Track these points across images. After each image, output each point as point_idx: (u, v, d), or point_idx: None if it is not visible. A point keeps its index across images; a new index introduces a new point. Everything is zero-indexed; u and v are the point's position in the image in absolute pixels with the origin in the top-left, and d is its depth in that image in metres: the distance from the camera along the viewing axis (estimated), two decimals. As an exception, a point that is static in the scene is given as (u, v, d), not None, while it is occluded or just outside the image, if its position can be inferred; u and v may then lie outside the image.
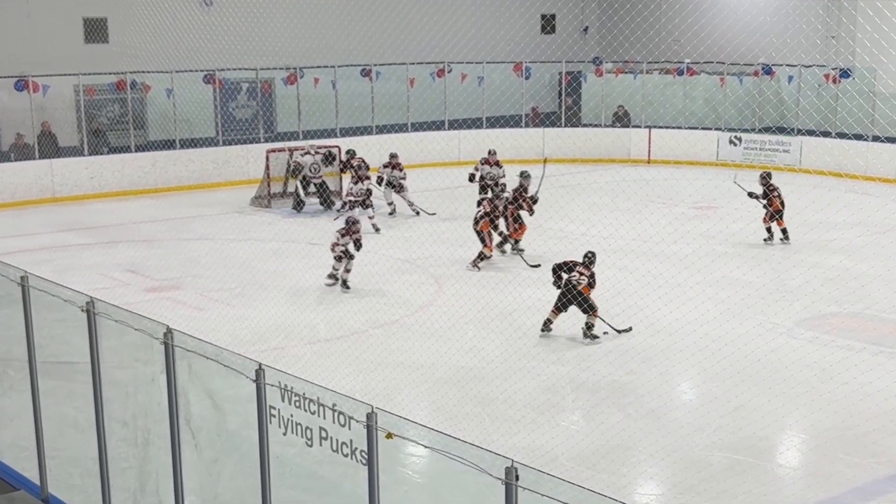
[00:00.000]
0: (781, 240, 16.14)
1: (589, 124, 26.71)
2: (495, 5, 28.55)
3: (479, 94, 25.74)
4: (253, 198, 20.18)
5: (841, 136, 22.47)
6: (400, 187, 18.79)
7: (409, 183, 18.97)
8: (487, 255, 14.82)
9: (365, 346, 11.34)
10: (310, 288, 13.51)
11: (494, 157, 18.64)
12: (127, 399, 6.87)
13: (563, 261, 11.73)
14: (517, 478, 4.35)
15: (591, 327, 11.42)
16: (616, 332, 11.54)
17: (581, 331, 11.47)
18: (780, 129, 24.00)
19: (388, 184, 18.81)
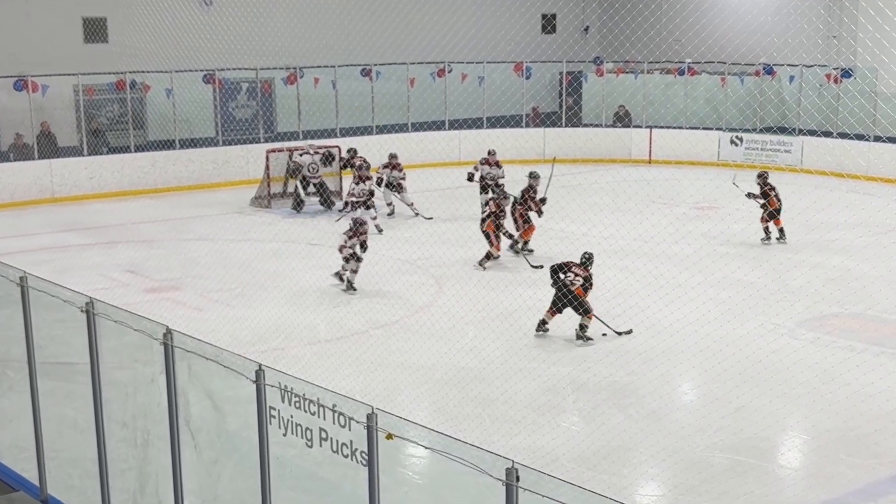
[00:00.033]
0: (778, 239, 16.13)
1: (590, 124, 26.68)
2: (496, 5, 28.55)
3: (480, 94, 25.72)
4: (253, 198, 20.16)
5: (842, 136, 22.43)
6: (399, 188, 18.77)
7: (410, 183, 18.94)
8: (495, 255, 14.81)
9: (365, 346, 11.32)
10: (310, 288, 13.48)
11: (494, 157, 18.61)
12: (126, 400, 6.85)
13: (561, 262, 11.70)
14: (518, 479, 4.35)
15: (584, 329, 11.36)
16: (616, 333, 11.51)
17: (575, 332, 11.45)
18: (782, 129, 23.99)
19: (388, 184, 18.79)
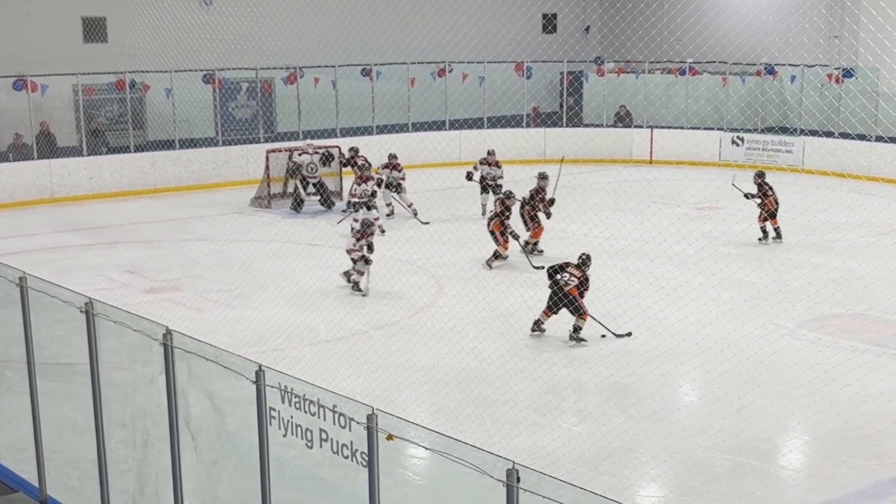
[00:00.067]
0: (774, 239, 16.14)
1: (591, 124, 26.66)
2: (496, 5, 28.54)
3: (480, 94, 25.70)
4: (253, 198, 20.14)
5: (844, 136, 22.41)
6: (399, 188, 18.73)
7: (410, 184, 18.91)
8: (503, 254, 14.82)
9: (365, 347, 11.30)
10: (310, 289, 13.45)
11: (494, 157, 18.60)
12: (126, 400, 6.84)
13: (560, 263, 11.69)
14: (518, 480, 4.33)
15: (578, 330, 11.32)
16: (615, 336, 11.47)
17: (569, 333, 11.41)
18: (783, 130, 23.98)
19: (387, 185, 18.76)
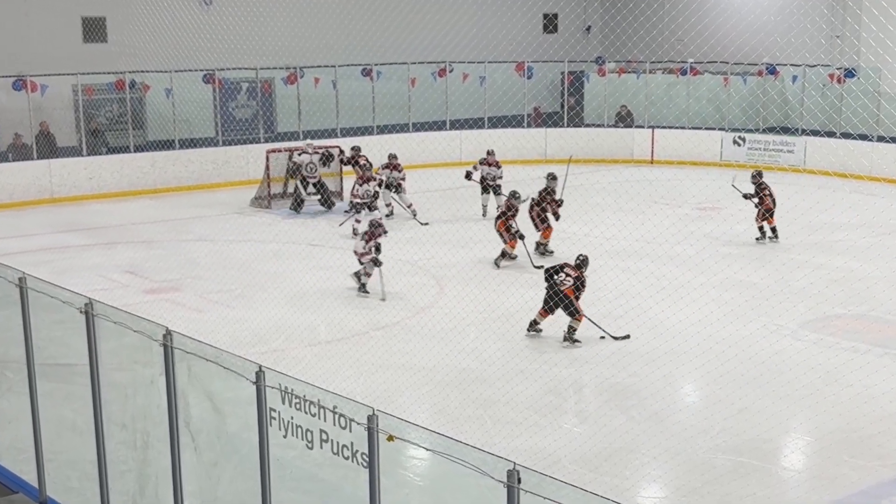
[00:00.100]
0: (770, 238, 16.13)
1: (592, 124, 26.63)
2: (497, 4, 28.52)
3: (481, 94, 25.68)
4: (253, 198, 20.11)
5: (845, 136, 22.35)
6: (399, 188, 18.70)
7: (411, 184, 18.88)
8: (510, 253, 14.83)
9: (366, 348, 11.28)
10: (310, 289, 13.42)
11: (493, 157, 18.58)
12: (126, 401, 6.82)
13: (558, 264, 11.67)
14: (519, 480, 4.32)
15: (572, 331, 11.28)
16: (613, 338, 11.43)
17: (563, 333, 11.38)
18: (785, 130, 23.96)
19: (387, 185, 18.74)
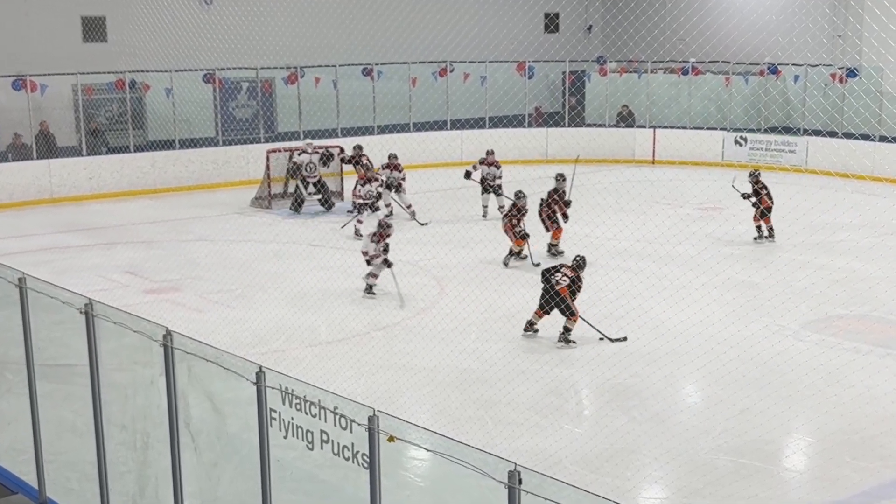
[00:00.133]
0: (766, 238, 16.15)
1: (593, 124, 26.61)
2: (498, 4, 28.51)
3: (482, 94, 25.66)
4: (253, 199, 20.10)
5: (847, 136, 22.32)
6: (399, 188, 18.67)
7: (412, 184, 18.87)
8: (516, 251, 14.88)
9: (366, 348, 11.27)
10: (311, 290, 13.40)
11: (493, 157, 18.57)
12: (126, 402, 6.81)
13: (556, 265, 11.65)
14: (520, 481, 4.32)
15: (567, 332, 11.26)
16: (609, 340, 11.38)
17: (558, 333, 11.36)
18: (786, 130, 23.94)
19: (388, 185, 18.72)
